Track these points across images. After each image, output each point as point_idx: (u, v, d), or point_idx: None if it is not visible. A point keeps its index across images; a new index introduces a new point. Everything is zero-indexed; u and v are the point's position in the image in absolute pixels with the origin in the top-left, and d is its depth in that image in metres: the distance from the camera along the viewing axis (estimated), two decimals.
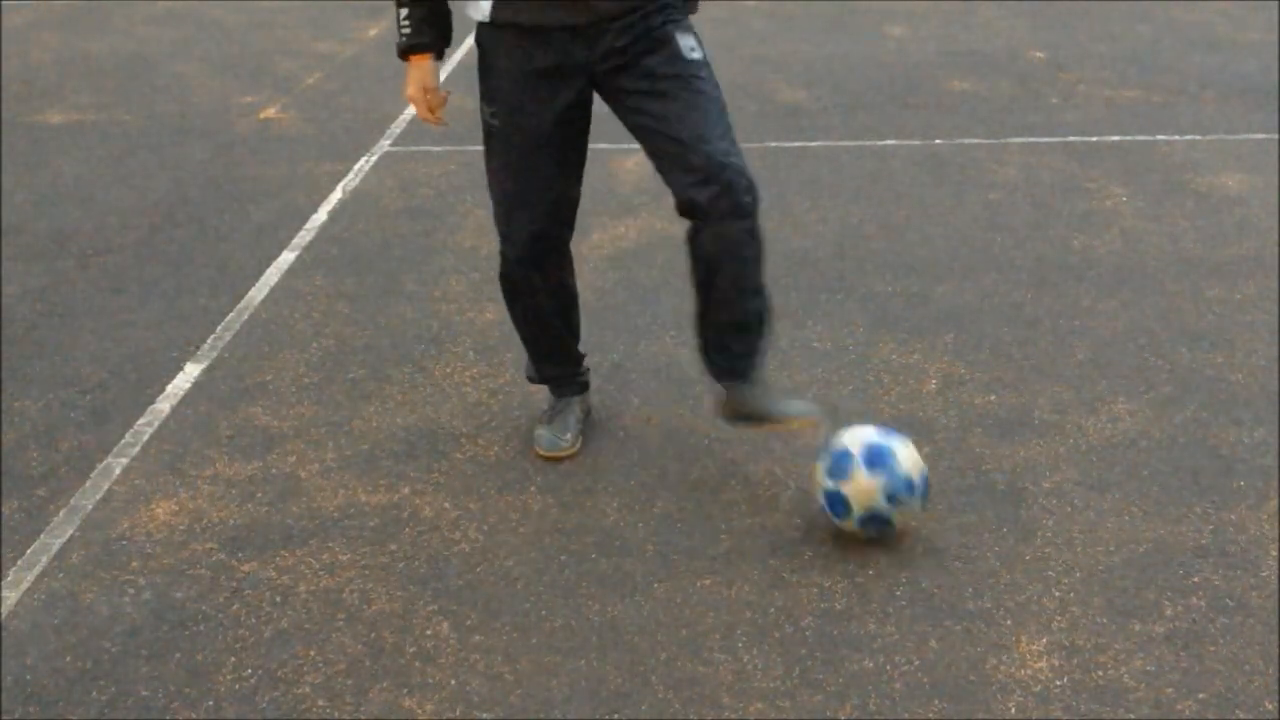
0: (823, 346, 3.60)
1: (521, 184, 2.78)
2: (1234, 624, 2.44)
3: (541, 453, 3.04)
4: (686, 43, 2.65)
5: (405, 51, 2.77)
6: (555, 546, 2.73)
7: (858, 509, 2.61)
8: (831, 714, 2.24)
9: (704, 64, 2.67)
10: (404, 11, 2.72)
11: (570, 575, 2.63)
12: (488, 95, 2.75)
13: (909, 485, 2.61)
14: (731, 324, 2.83)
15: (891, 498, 2.60)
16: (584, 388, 3.19)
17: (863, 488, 2.60)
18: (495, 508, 2.87)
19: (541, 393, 3.24)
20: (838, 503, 2.64)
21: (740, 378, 2.88)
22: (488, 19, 2.65)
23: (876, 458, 2.61)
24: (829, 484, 2.65)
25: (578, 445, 3.07)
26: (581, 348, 3.16)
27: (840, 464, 2.63)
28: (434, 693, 2.31)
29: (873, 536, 2.68)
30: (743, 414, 2.91)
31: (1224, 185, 4.88)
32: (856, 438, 2.67)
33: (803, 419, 2.90)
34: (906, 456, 2.64)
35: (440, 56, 2.80)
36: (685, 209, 2.68)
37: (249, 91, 6.65)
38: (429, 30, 2.74)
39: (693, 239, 2.73)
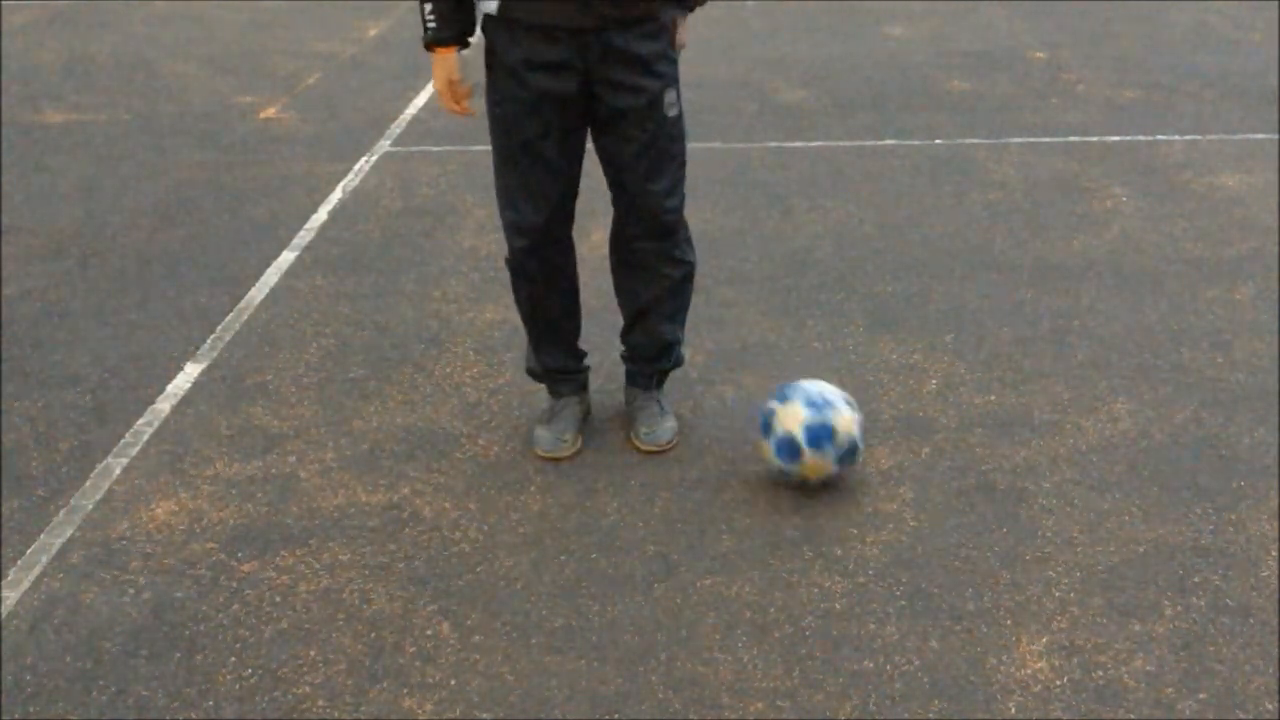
0: (823, 346, 3.60)
1: (525, 174, 2.84)
2: (1234, 624, 2.44)
3: (541, 453, 3.05)
4: (669, 98, 2.81)
5: (430, 44, 2.79)
6: (555, 546, 2.73)
7: (815, 477, 2.86)
8: (831, 714, 2.24)
9: (678, 120, 2.85)
10: (429, 6, 2.75)
11: (570, 575, 2.63)
12: (493, 86, 2.80)
13: (854, 448, 2.84)
14: (652, 354, 3.15)
15: (841, 460, 2.84)
16: (583, 387, 3.20)
17: (814, 465, 2.82)
18: (495, 508, 2.87)
19: (541, 392, 3.24)
20: (793, 476, 2.87)
21: (638, 386, 3.19)
22: (495, 13, 2.70)
23: (819, 438, 2.78)
24: (781, 464, 2.85)
25: (578, 445, 3.08)
26: (582, 345, 3.17)
27: (788, 449, 2.81)
28: (434, 693, 2.31)
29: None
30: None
31: (1224, 185, 4.88)
32: (795, 419, 2.80)
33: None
34: (844, 425, 2.81)
35: (465, 48, 2.83)
36: (617, 241, 3.03)
37: (249, 91, 6.65)
38: (454, 23, 2.78)
39: (623, 270, 3.07)
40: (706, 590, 2.57)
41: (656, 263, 3.01)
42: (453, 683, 2.33)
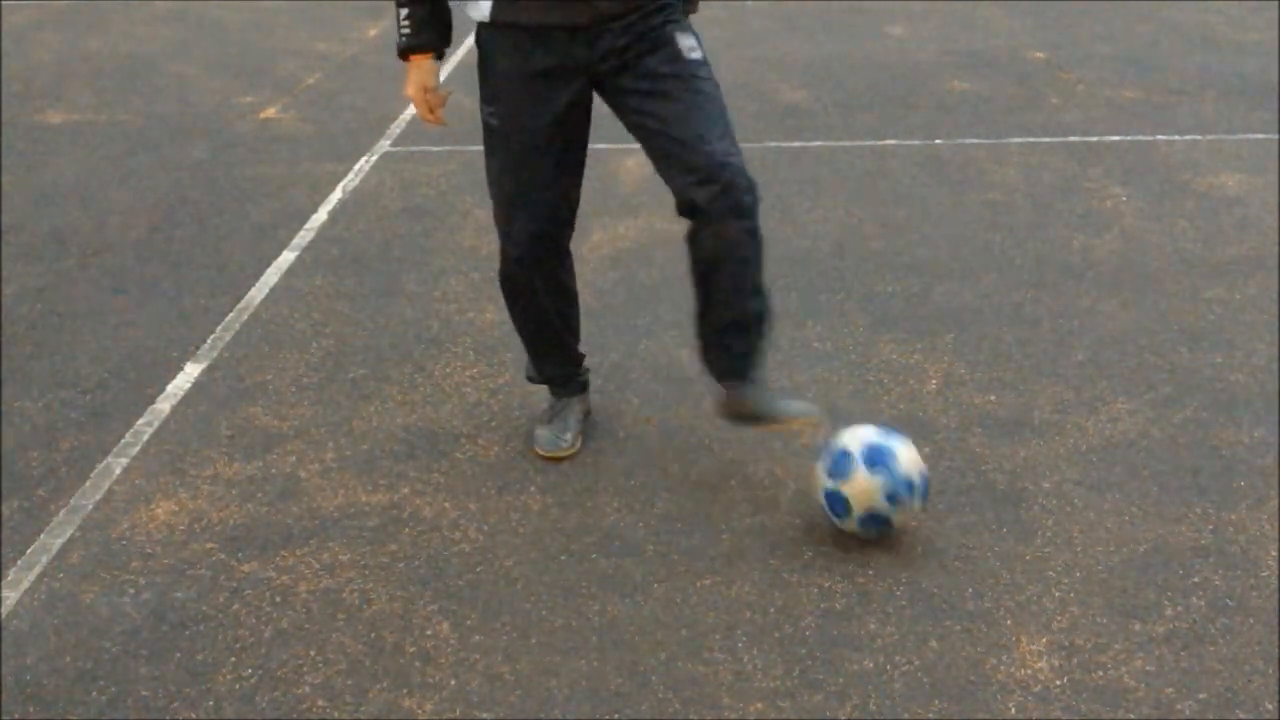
0: (823, 346, 3.60)
1: (521, 184, 2.78)
2: (1234, 624, 2.44)
3: (541, 452, 3.05)
4: (687, 43, 2.66)
5: (405, 51, 2.77)
6: (555, 546, 2.73)
7: (858, 509, 2.62)
8: (831, 714, 2.24)
9: (704, 64, 2.68)
10: (404, 11, 2.72)
11: (570, 575, 2.63)
12: (487, 95, 2.75)
13: (909, 485, 2.62)
14: (731, 324, 2.82)
15: (892, 497, 2.60)
16: (584, 388, 3.19)
17: (863, 488, 2.60)
18: (495, 508, 2.87)
19: (541, 392, 3.24)
20: (838, 502, 2.65)
21: (739, 377, 2.87)
22: (488, 19, 2.66)
23: (877, 458, 2.62)
24: (829, 483, 2.65)
25: (578, 445, 3.08)
26: (581, 348, 3.16)
27: (840, 464, 2.64)
28: (434, 693, 2.31)
29: (872, 536, 2.68)
30: (742, 414, 2.90)
31: (1224, 185, 4.88)
32: (857, 437, 2.67)
33: (802, 419, 2.88)
34: (907, 457, 2.64)
35: (440, 57, 2.81)
36: (686, 209, 2.69)
37: (249, 91, 6.65)
38: (429, 30, 2.74)
39: (693, 239, 2.73)
40: (706, 590, 2.57)
41: (732, 229, 2.66)
42: (453, 683, 2.33)
